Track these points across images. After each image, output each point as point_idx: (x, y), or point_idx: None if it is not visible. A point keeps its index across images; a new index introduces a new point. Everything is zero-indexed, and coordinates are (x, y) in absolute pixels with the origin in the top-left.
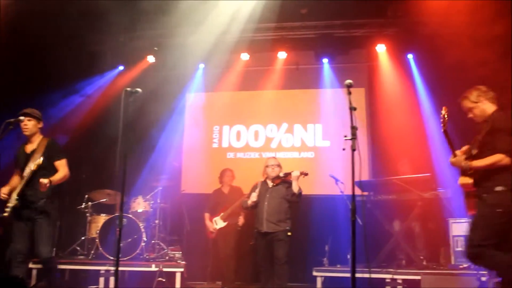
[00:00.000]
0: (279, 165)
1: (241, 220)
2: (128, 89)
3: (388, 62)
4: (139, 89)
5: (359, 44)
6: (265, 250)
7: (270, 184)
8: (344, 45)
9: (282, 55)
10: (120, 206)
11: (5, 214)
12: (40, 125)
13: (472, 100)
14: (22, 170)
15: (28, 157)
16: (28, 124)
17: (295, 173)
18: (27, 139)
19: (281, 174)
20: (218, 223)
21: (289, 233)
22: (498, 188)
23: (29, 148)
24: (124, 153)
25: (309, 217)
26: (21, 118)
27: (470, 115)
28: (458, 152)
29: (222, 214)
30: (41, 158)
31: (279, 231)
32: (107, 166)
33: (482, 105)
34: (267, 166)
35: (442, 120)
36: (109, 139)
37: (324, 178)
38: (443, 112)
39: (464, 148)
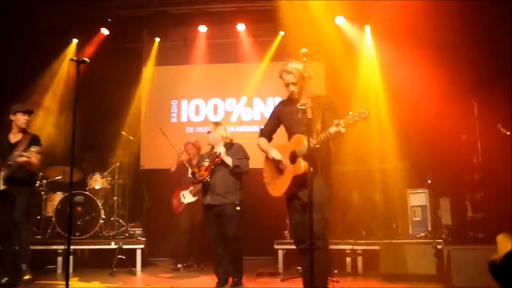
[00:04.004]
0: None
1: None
2: (74, 58)
3: (346, 34)
4: (86, 59)
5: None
6: (215, 224)
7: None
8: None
9: (241, 27)
10: (70, 182)
11: None
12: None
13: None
14: (3, 157)
15: (12, 147)
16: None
17: (219, 151)
18: (12, 130)
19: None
20: (187, 197)
21: (238, 208)
22: None
23: (12, 138)
24: (73, 127)
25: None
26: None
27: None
28: None
29: (191, 188)
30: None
31: (226, 204)
32: (61, 141)
33: None
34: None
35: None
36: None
37: None
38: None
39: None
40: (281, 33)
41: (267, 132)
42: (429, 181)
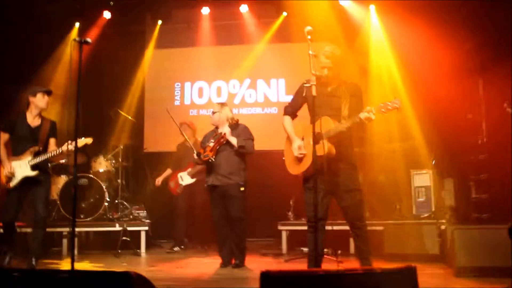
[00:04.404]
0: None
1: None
2: (76, 39)
3: (351, 15)
4: (88, 39)
5: None
6: (219, 205)
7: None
8: None
9: (243, 8)
10: (74, 164)
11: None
12: None
13: None
14: (24, 140)
15: (34, 132)
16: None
17: (224, 131)
18: (30, 111)
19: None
20: (185, 179)
21: (242, 188)
22: None
23: (30, 121)
24: (77, 109)
25: (273, 172)
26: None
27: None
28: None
29: (189, 169)
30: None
31: (230, 184)
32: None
33: None
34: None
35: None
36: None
37: None
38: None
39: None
40: (284, 14)
41: (292, 109)
42: (434, 162)
